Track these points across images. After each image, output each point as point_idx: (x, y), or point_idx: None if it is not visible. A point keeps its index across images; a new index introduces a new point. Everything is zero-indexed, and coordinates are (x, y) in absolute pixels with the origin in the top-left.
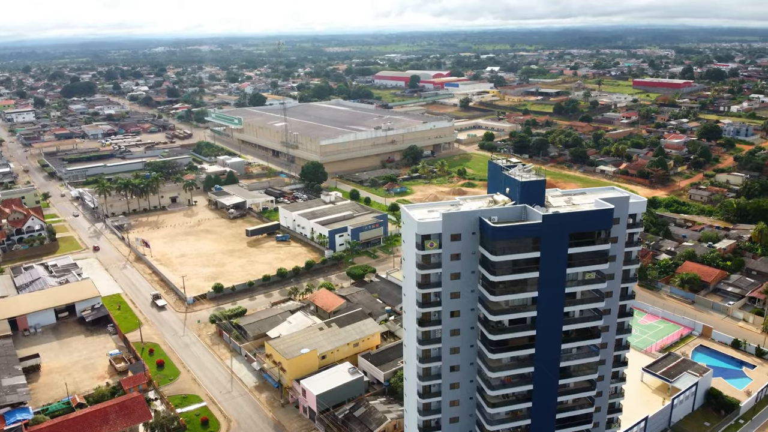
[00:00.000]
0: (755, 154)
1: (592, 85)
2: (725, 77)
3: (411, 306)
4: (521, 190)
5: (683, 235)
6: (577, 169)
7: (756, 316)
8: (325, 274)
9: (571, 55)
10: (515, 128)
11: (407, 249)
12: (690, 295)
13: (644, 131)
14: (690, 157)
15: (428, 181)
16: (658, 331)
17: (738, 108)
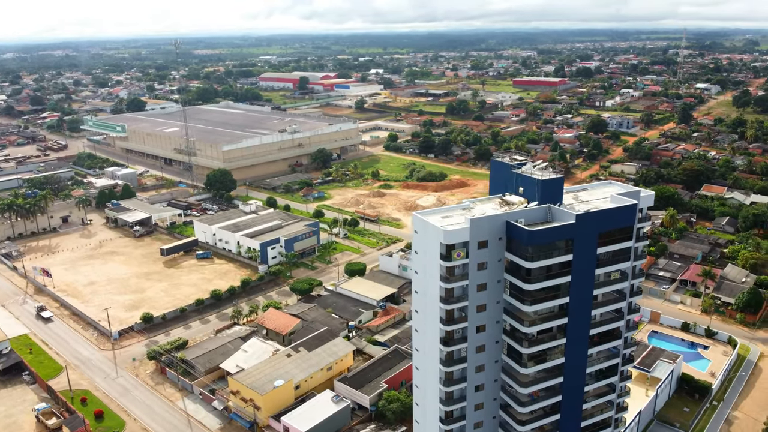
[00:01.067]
0: (641, 144)
1: (476, 85)
2: (593, 74)
3: (429, 324)
4: (542, 189)
5: None
6: (482, 167)
7: (692, 297)
8: (264, 291)
9: (444, 58)
10: (415, 129)
11: (423, 261)
12: None
13: (535, 127)
14: (583, 150)
15: (343, 184)
16: None
17: (612, 102)
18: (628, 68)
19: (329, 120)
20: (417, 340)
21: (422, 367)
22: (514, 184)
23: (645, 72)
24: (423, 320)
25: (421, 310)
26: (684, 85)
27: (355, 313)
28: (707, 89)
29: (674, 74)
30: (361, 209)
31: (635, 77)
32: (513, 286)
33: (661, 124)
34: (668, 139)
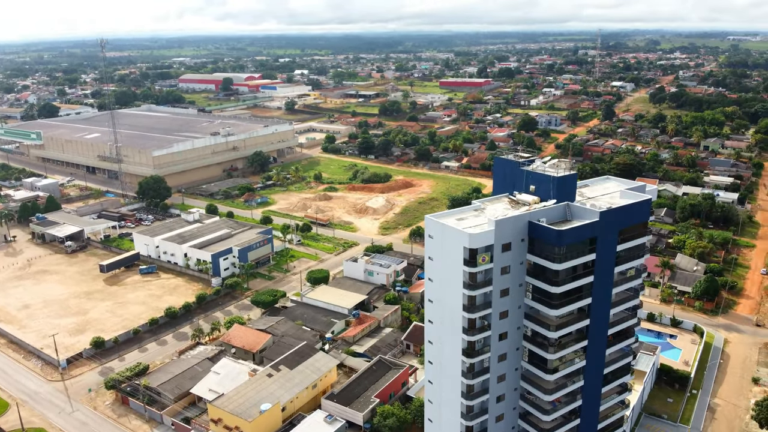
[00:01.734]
0: (572, 141)
1: (404, 86)
2: (514, 75)
3: (446, 335)
4: (558, 186)
5: None
6: (423, 167)
7: (651, 288)
8: (222, 306)
9: (365, 59)
10: (350, 130)
11: (440, 268)
12: None
13: (467, 127)
14: (518, 148)
15: (285, 188)
16: None
17: (536, 101)
18: (545, 68)
19: (260, 122)
20: (431, 352)
21: (437, 380)
22: (523, 182)
23: (561, 72)
24: (439, 331)
25: (437, 320)
26: (601, 83)
27: (327, 323)
28: (623, 87)
29: (588, 73)
30: (310, 214)
31: (554, 77)
32: (537, 289)
33: (586, 121)
34: (596, 135)
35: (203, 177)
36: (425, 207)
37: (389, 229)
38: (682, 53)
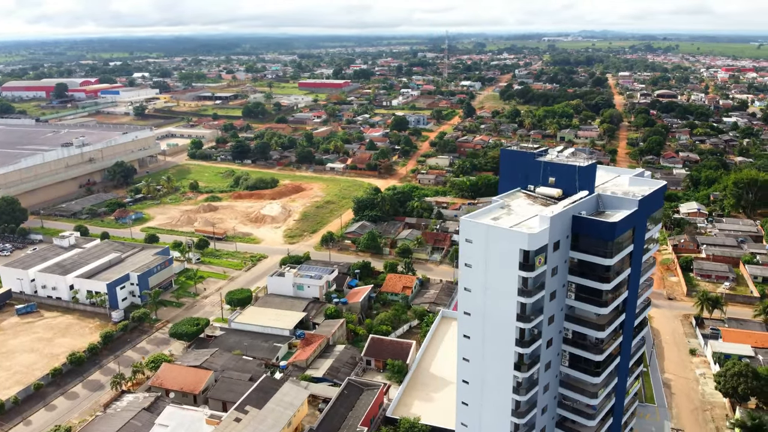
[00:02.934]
0: (443, 138)
1: (263, 88)
2: (370, 76)
3: (490, 349)
4: (581, 176)
5: (455, 215)
6: (306, 170)
7: None
8: (132, 343)
9: (206, 62)
10: (216, 134)
11: (485, 275)
12: None
13: (340, 128)
14: (396, 147)
15: (159, 201)
16: None
17: (397, 102)
18: (394, 70)
19: (110, 129)
20: (467, 371)
21: (476, 401)
22: (540, 175)
23: (410, 73)
24: (480, 346)
25: (477, 335)
26: (452, 83)
27: (270, 349)
28: (472, 86)
29: (435, 74)
30: (200, 227)
31: (408, 78)
32: (582, 288)
33: (449, 119)
34: (463, 132)
35: (58, 195)
36: (324, 211)
37: (295, 237)
38: (510, 54)
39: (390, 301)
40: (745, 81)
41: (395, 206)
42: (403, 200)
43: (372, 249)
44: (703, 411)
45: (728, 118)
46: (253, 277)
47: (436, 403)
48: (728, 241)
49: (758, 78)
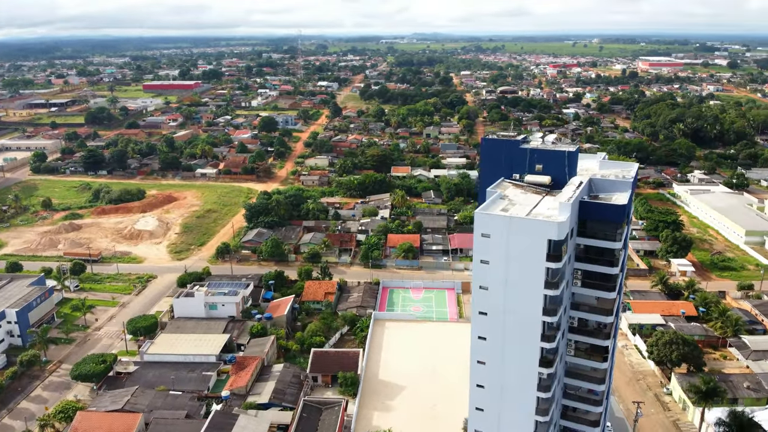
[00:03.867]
0: (317, 138)
1: (103, 92)
2: (221, 76)
3: (510, 349)
4: (570, 161)
5: (353, 215)
6: (173, 177)
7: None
8: (26, 392)
9: (27, 67)
10: (59, 144)
11: (506, 270)
12: (414, 262)
13: (201, 131)
14: (269, 149)
15: (7, 224)
16: (439, 299)
17: (257, 102)
18: (243, 71)
19: None
20: (483, 375)
21: (494, 405)
22: (527, 162)
23: (260, 74)
24: (497, 347)
25: (495, 335)
26: (309, 83)
27: (199, 380)
28: (330, 86)
29: (287, 74)
30: (68, 250)
31: (264, 79)
32: (590, 274)
33: (315, 119)
34: (335, 131)
35: None
36: (207, 221)
37: (182, 253)
38: (354, 55)
39: (313, 310)
40: (572, 76)
41: (290, 210)
42: (296, 203)
43: (276, 257)
44: (637, 380)
45: (567, 109)
46: (147, 300)
47: (396, 411)
48: None
49: (583, 72)
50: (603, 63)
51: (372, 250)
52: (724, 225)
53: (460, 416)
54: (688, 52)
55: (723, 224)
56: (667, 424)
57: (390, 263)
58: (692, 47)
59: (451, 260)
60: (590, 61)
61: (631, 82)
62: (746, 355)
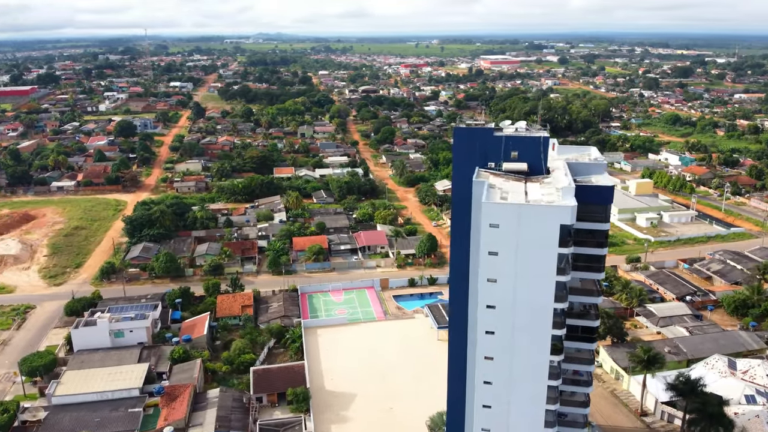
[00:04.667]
0: (183, 142)
1: None
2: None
3: (524, 339)
4: (544, 147)
5: (246, 220)
6: (25, 193)
7: (382, 258)
8: None
9: None
10: None
11: (517, 260)
12: (326, 264)
13: (47, 140)
14: (132, 156)
15: None
16: (361, 299)
17: (105, 106)
18: (82, 73)
19: None
20: (490, 371)
21: (500, 401)
22: (502, 150)
23: (101, 76)
24: (506, 339)
25: (504, 329)
26: (160, 84)
27: (127, 418)
28: (184, 86)
29: (132, 75)
30: None
31: (110, 81)
32: (578, 257)
33: (175, 121)
34: (202, 134)
35: None
36: (78, 239)
37: (57, 277)
38: (200, 55)
39: (232, 327)
40: (424, 75)
41: (175, 221)
42: (181, 212)
43: (172, 273)
44: None
45: (428, 107)
46: (32, 334)
47: (354, 421)
48: None
49: (434, 72)
50: (449, 62)
51: (279, 256)
52: None
53: (420, 415)
54: (520, 50)
55: None
56: (606, 394)
57: (300, 268)
58: (523, 46)
59: (362, 258)
60: (437, 60)
61: (478, 79)
62: (655, 322)
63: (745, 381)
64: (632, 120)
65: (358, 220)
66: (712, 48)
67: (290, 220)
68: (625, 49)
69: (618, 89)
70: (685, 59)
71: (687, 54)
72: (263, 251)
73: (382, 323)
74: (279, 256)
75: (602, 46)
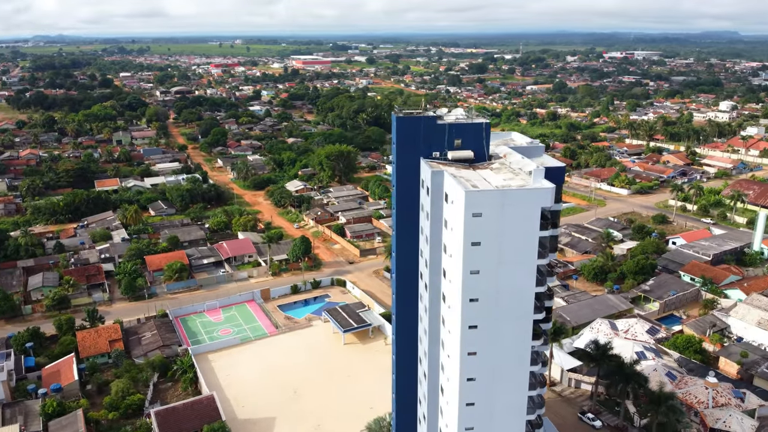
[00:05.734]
0: None
1: None
2: None
3: (506, 327)
4: (486, 134)
5: (81, 242)
6: None
7: (256, 268)
8: None
9: None
10: None
11: (500, 247)
12: (191, 282)
13: None
14: None
15: None
16: (244, 314)
17: None
18: None
19: None
20: (473, 367)
21: (484, 397)
22: (446, 138)
23: None
24: (491, 333)
25: (487, 321)
26: None
27: None
28: None
29: None
30: None
31: None
32: None
33: None
34: None
35: None
36: None
37: None
38: None
39: (102, 366)
40: (237, 74)
41: None
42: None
43: (6, 312)
44: None
45: (252, 107)
46: None
47: None
48: (351, 204)
49: (248, 72)
50: (261, 62)
51: (134, 279)
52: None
53: (353, 425)
54: (326, 50)
55: None
56: None
57: (161, 290)
58: (328, 46)
59: (231, 270)
60: (248, 60)
61: (295, 79)
62: None
63: (629, 339)
64: None
65: (213, 229)
66: (497, 46)
67: (133, 238)
68: (422, 49)
69: (427, 86)
70: (475, 57)
71: (476, 52)
72: (111, 276)
73: (278, 337)
74: (134, 279)
75: (401, 46)
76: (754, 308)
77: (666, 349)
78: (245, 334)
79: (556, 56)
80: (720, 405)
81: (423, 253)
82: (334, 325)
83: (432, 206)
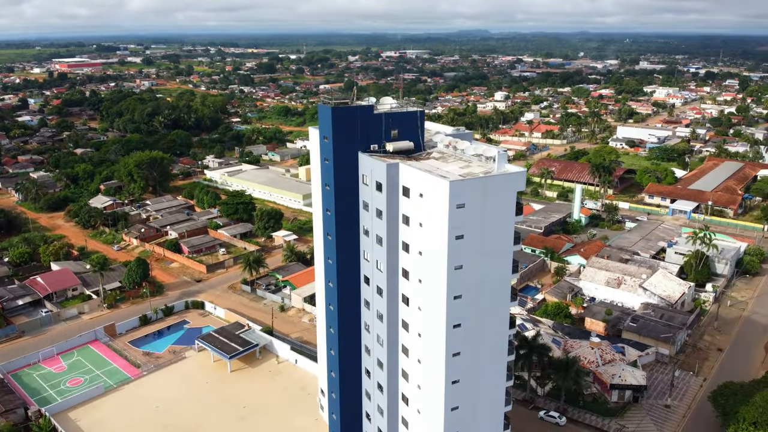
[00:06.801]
0: None
1: None
2: None
3: (485, 316)
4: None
5: None
6: None
7: (84, 303)
8: None
9: None
10: None
11: (483, 235)
12: (9, 329)
13: None
14: None
15: None
16: (91, 358)
17: None
18: None
19: None
20: (457, 368)
21: (467, 400)
22: (383, 129)
23: None
24: (472, 329)
25: (469, 318)
26: None
27: None
28: None
29: None
30: None
31: None
32: None
33: None
34: None
35: None
36: None
37: None
38: None
39: None
40: None
41: None
42: None
43: None
44: None
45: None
46: None
47: None
48: (179, 216)
49: (5, 79)
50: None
51: None
52: (279, 195)
53: None
54: (91, 52)
55: (278, 195)
56: None
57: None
58: (92, 48)
59: (54, 309)
60: (3, 66)
61: (64, 83)
62: None
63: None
64: (249, 114)
65: (16, 263)
66: (276, 46)
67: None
68: (200, 49)
69: (218, 86)
70: (258, 57)
71: (258, 52)
72: None
73: (147, 378)
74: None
75: (176, 46)
76: (599, 270)
77: (540, 318)
78: (102, 380)
79: (339, 56)
80: (607, 362)
81: (369, 254)
82: (214, 352)
83: (388, 203)
